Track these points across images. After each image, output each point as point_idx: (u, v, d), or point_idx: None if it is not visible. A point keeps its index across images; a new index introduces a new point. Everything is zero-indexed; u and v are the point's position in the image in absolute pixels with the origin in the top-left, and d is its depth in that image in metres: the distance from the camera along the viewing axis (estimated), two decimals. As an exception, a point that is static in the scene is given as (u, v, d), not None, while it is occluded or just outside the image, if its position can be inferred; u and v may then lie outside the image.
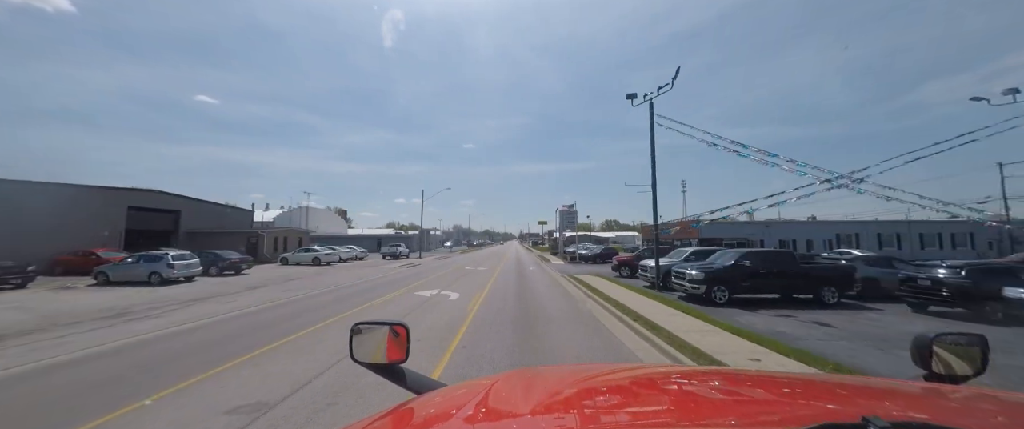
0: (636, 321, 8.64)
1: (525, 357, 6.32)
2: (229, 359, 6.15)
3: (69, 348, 6.95)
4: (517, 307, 11.05)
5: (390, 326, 1.40)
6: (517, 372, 1.33)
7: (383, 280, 19.23)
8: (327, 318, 9.56)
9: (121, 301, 12.56)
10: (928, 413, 0.90)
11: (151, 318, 9.69)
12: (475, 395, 1.03)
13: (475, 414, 0.92)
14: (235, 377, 5.36)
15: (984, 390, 1.05)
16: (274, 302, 12.20)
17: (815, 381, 1.25)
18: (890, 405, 0.95)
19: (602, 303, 11.41)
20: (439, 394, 1.17)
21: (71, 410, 4.38)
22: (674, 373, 1.43)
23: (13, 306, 11.74)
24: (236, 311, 10.62)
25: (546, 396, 1.03)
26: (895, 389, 1.07)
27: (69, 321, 9.37)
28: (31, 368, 5.91)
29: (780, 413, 0.91)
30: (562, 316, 9.82)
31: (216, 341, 7.42)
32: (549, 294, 13.96)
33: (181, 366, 5.85)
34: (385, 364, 1.36)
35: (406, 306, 11.55)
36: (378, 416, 0.98)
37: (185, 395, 4.77)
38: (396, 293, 14.44)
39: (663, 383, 1.23)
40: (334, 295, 13.95)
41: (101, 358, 6.41)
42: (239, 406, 4.38)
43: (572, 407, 0.97)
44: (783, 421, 0.82)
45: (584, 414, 0.89)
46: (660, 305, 10.72)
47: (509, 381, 1.17)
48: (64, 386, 5.23)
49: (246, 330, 8.35)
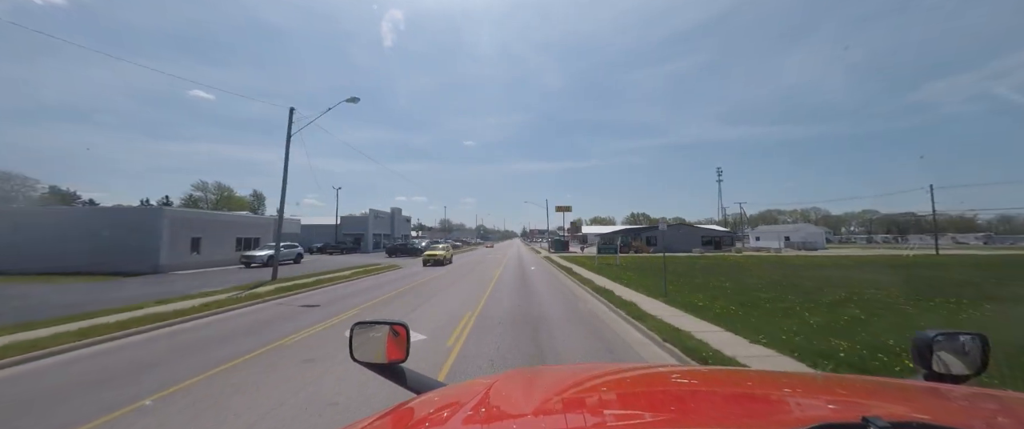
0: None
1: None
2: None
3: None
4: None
5: (390, 326, 1.41)
6: (517, 372, 1.34)
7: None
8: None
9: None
10: (928, 413, 0.90)
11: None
12: (475, 395, 1.03)
13: (475, 414, 0.92)
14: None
15: (984, 390, 1.05)
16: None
17: (815, 381, 1.25)
18: (890, 405, 0.96)
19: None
20: (439, 394, 1.18)
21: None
22: (674, 373, 1.44)
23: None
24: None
25: (546, 396, 1.04)
26: (895, 389, 1.08)
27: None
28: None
29: (780, 413, 0.92)
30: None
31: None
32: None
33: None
34: (385, 364, 1.37)
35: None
36: (378, 416, 0.98)
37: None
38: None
39: (663, 383, 1.24)
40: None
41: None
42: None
43: (572, 407, 0.97)
44: (783, 421, 0.83)
45: (584, 414, 0.89)
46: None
47: (509, 381, 1.18)
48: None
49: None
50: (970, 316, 9.19)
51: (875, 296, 12.09)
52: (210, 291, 14.00)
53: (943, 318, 9.10)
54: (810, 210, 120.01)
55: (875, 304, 10.63)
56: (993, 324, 8.44)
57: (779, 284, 15.53)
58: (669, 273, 15.82)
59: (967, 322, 8.63)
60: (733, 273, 20.76)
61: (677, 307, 10.48)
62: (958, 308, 10.14)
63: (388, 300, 12.84)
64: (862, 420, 0.57)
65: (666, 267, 14.39)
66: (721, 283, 15.97)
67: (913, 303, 10.85)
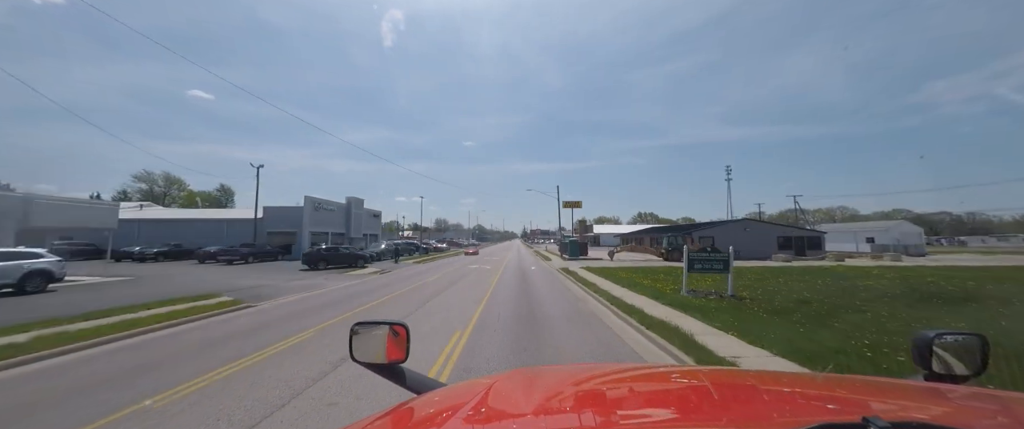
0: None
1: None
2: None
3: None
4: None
5: (390, 326, 1.41)
6: (517, 372, 1.34)
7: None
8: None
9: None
10: (928, 413, 0.90)
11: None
12: (475, 395, 1.03)
13: (475, 414, 0.90)
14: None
15: (984, 390, 1.06)
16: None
17: (815, 381, 1.25)
18: (890, 405, 0.96)
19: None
20: (439, 394, 1.19)
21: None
22: (674, 373, 1.43)
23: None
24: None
25: (546, 396, 1.05)
26: (895, 389, 1.08)
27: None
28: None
29: (780, 413, 0.91)
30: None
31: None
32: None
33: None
34: (385, 364, 1.37)
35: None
36: (378, 416, 0.99)
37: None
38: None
39: (663, 383, 1.25)
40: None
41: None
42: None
43: (572, 407, 0.98)
44: (783, 421, 0.82)
45: (585, 414, 0.90)
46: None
47: (509, 381, 1.18)
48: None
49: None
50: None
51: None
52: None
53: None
54: (836, 209, 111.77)
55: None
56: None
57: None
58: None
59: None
60: (932, 307, 10.48)
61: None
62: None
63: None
64: (862, 420, 0.57)
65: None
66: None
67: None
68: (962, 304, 11.14)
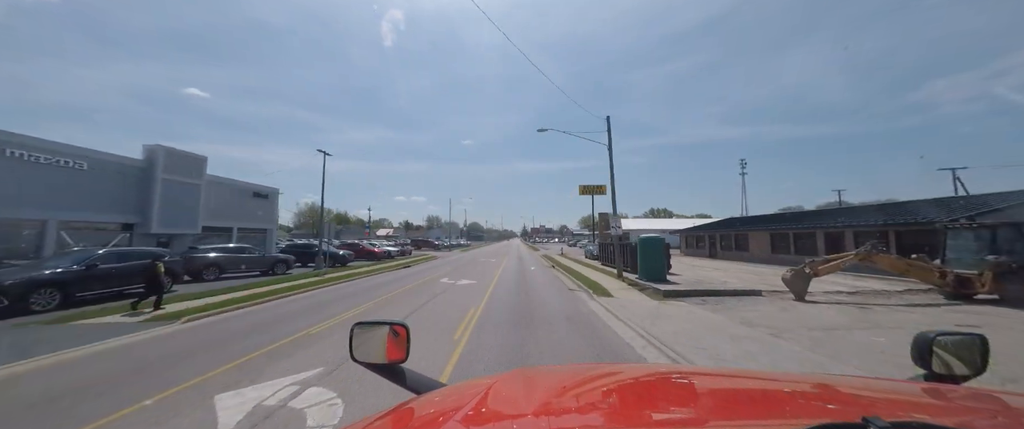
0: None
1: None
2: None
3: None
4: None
5: (390, 326, 1.39)
6: (517, 372, 1.32)
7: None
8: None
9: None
10: (928, 413, 0.89)
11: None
12: (475, 395, 1.02)
13: (475, 414, 0.90)
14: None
15: (984, 390, 1.04)
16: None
17: (815, 381, 1.23)
18: (890, 405, 0.95)
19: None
20: (439, 394, 1.17)
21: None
22: (674, 373, 1.41)
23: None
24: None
25: (546, 396, 1.04)
26: (895, 389, 1.07)
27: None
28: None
29: (780, 413, 0.90)
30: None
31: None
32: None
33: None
34: (385, 364, 1.35)
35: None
36: (378, 416, 0.98)
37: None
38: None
39: (663, 383, 1.22)
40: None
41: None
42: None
43: (572, 407, 0.96)
44: (783, 421, 0.81)
45: (584, 414, 0.89)
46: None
47: (509, 381, 1.17)
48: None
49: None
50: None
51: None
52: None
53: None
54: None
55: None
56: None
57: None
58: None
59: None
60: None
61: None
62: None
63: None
64: (862, 420, 0.56)
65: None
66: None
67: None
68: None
